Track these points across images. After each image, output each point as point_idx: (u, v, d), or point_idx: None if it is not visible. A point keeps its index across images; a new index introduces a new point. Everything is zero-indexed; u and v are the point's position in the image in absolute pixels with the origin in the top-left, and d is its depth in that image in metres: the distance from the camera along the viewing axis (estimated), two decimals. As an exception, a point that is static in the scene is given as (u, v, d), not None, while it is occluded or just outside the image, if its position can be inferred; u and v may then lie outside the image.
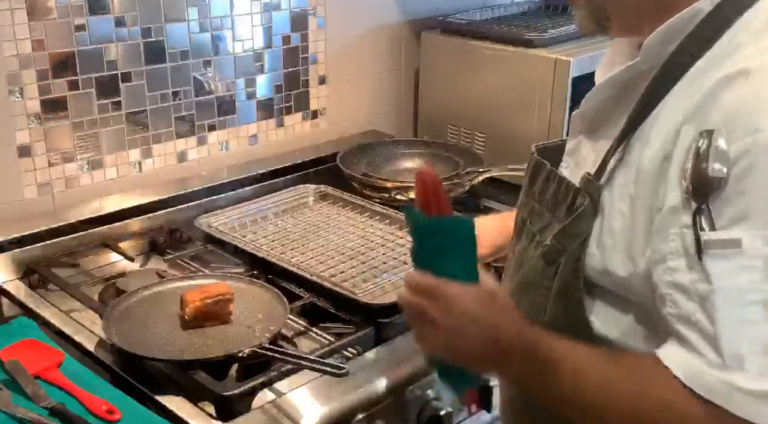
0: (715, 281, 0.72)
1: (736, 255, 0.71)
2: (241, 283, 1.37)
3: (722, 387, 0.71)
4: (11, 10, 1.45)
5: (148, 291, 1.34)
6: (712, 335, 0.72)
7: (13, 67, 1.48)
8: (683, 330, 0.75)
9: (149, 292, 1.34)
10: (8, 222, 1.51)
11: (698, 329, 0.73)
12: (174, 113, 1.74)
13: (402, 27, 2.12)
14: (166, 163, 1.76)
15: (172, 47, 1.69)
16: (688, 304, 0.74)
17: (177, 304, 1.27)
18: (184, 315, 1.23)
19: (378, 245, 1.55)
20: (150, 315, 1.28)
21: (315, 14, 1.93)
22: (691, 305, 0.74)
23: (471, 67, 1.96)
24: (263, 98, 1.89)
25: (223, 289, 1.26)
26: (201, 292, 1.24)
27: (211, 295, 1.24)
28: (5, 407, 1.07)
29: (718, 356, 0.72)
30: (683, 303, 0.75)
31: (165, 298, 1.33)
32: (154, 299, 1.33)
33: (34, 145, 1.55)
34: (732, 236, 0.71)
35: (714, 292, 0.72)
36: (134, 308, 1.30)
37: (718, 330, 0.71)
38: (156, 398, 1.13)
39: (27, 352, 1.19)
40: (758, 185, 0.70)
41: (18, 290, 1.42)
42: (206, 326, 1.24)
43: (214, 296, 1.24)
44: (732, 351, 0.71)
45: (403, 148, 1.96)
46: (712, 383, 0.72)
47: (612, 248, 0.84)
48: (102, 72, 1.60)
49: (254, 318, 1.26)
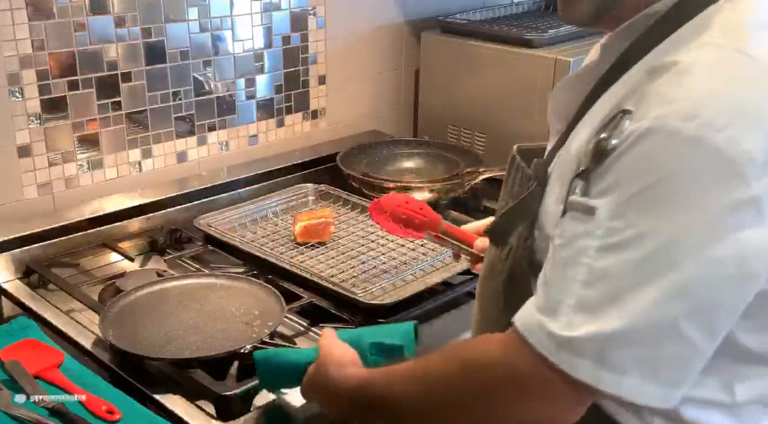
0: (563, 239, 0.76)
1: (587, 221, 0.74)
2: (236, 282, 1.37)
3: (537, 327, 0.75)
4: (11, 10, 1.45)
5: (145, 291, 1.34)
6: (545, 282, 0.77)
7: (13, 67, 1.48)
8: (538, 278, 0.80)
9: (146, 291, 1.34)
10: (8, 222, 1.51)
11: (542, 275, 0.79)
12: (174, 113, 1.74)
13: (402, 27, 2.12)
14: (166, 163, 1.76)
15: (172, 47, 1.69)
16: (545, 256, 0.80)
17: (175, 302, 1.29)
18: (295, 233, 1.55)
19: (378, 245, 1.55)
20: (147, 314, 1.28)
21: (315, 14, 1.93)
22: (547, 257, 0.80)
23: (471, 67, 1.96)
24: (263, 98, 1.89)
25: (326, 213, 1.61)
26: (309, 214, 1.59)
27: (317, 217, 1.57)
28: (5, 407, 1.07)
29: (543, 301, 0.76)
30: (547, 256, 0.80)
31: (162, 297, 1.33)
32: (151, 298, 1.33)
33: (34, 145, 1.55)
34: (590, 203, 0.74)
35: (558, 247, 0.77)
36: (131, 307, 1.30)
37: (550, 279, 0.77)
38: (156, 398, 1.13)
39: (27, 352, 1.19)
40: (627, 164, 0.72)
41: (18, 290, 1.42)
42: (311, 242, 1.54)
43: (319, 217, 1.56)
44: (553, 298, 0.75)
45: (403, 148, 1.96)
46: (532, 322, 0.76)
47: (545, 229, 0.86)
48: (102, 72, 1.60)
49: (251, 315, 1.27)
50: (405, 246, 1.53)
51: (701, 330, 0.71)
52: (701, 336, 0.71)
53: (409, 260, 1.49)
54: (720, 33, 0.75)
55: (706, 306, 0.71)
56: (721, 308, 0.72)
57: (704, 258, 0.69)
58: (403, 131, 2.21)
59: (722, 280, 0.70)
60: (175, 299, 1.32)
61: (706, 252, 0.69)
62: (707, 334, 0.72)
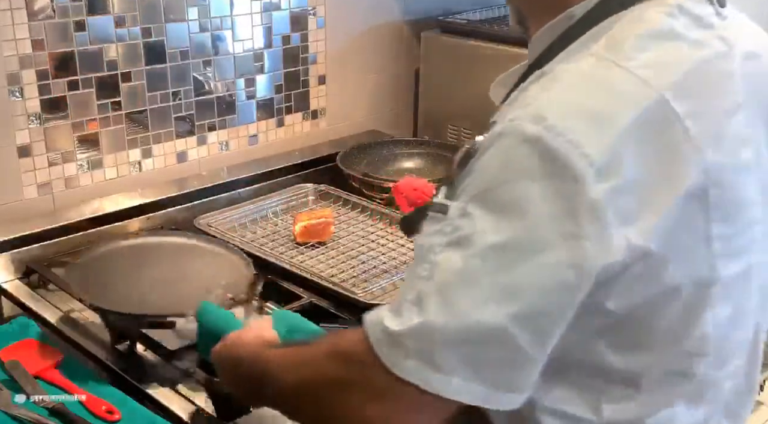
0: (420, 238, 0.76)
1: (440, 219, 0.73)
2: (218, 248, 1.40)
3: (377, 323, 0.73)
4: (11, 10, 1.45)
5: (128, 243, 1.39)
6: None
7: (13, 67, 1.48)
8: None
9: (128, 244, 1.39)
10: (8, 222, 1.51)
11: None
12: (174, 113, 1.74)
13: (402, 27, 2.12)
14: (166, 163, 1.76)
15: (172, 47, 1.69)
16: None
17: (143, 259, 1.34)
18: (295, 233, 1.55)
19: (378, 244, 1.55)
20: (121, 267, 1.31)
21: (315, 14, 1.93)
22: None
23: (471, 67, 1.96)
24: (263, 98, 1.89)
25: (326, 213, 1.60)
26: (309, 214, 1.60)
27: (317, 217, 1.57)
28: (5, 407, 1.07)
29: (396, 299, 0.75)
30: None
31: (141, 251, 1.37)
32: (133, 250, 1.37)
33: (34, 145, 1.55)
34: (446, 203, 0.74)
35: (415, 246, 0.77)
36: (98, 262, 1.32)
37: (405, 277, 0.78)
38: (155, 398, 1.13)
39: (27, 352, 1.19)
40: (479, 165, 0.71)
41: (18, 290, 1.42)
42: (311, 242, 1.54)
43: (319, 217, 1.57)
44: (400, 295, 0.74)
45: (403, 148, 1.96)
46: (376, 318, 0.74)
47: None
48: (102, 72, 1.60)
49: (216, 283, 1.23)
50: (405, 246, 1.53)
51: (529, 335, 0.69)
52: (529, 340, 0.69)
53: (409, 260, 1.49)
54: (605, 43, 0.74)
55: (535, 311, 0.69)
56: (550, 314, 0.70)
57: (536, 262, 0.68)
58: (403, 131, 2.21)
59: (553, 285, 0.68)
60: (154, 254, 1.34)
61: (538, 256, 0.67)
62: (536, 339, 0.70)
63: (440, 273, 0.71)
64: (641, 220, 0.68)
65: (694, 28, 0.76)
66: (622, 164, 0.67)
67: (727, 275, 0.76)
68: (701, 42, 0.76)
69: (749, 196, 0.77)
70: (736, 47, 0.79)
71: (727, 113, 0.76)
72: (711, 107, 0.74)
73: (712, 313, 0.77)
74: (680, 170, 0.70)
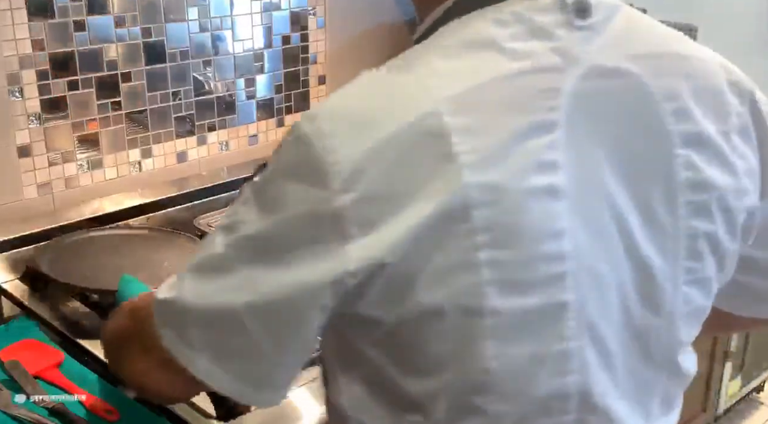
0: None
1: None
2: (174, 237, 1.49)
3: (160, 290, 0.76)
4: (11, 10, 1.45)
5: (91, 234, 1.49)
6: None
7: (13, 67, 1.48)
8: None
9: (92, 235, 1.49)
10: (8, 222, 1.51)
11: None
12: (174, 113, 1.74)
13: (402, 27, 2.12)
14: (165, 163, 1.76)
15: (172, 47, 1.69)
16: None
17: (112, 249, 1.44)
18: None
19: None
20: (89, 254, 1.41)
21: (315, 14, 1.93)
22: None
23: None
24: (263, 98, 1.89)
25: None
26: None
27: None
28: (5, 407, 1.07)
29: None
30: None
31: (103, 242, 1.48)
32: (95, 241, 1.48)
33: (33, 145, 1.55)
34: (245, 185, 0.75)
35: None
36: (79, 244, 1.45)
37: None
38: (156, 398, 1.13)
39: (27, 352, 1.19)
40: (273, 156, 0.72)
41: (18, 290, 1.42)
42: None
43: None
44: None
45: (403, 148, 1.96)
46: (164, 285, 0.76)
47: None
48: (102, 72, 1.60)
49: (161, 266, 1.35)
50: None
51: (263, 329, 0.69)
52: (263, 335, 0.70)
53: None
54: (418, 48, 0.72)
55: (270, 307, 0.68)
56: (284, 313, 0.69)
57: (280, 260, 0.67)
58: (403, 131, 2.20)
59: (290, 285, 0.67)
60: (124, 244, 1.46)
61: (283, 255, 0.67)
62: (270, 336, 0.70)
63: (203, 253, 0.72)
64: (380, 232, 0.65)
65: (522, 39, 0.70)
66: (372, 174, 0.65)
67: (510, 308, 0.68)
68: (523, 54, 0.69)
69: (549, 226, 0.68)
70: (581, 62, 0.70)
71: (521, 133, 0.67)
72: (496, 125, 0.67)
73: (494, 347, 0.69)
74: (435, 187, 0.64)
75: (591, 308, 0.71)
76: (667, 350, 0.79)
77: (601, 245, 0.71)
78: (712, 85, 0.77)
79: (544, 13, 0.71)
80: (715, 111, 0.76)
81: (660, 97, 0.73)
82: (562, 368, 0.72)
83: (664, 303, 0.76)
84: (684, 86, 0.74)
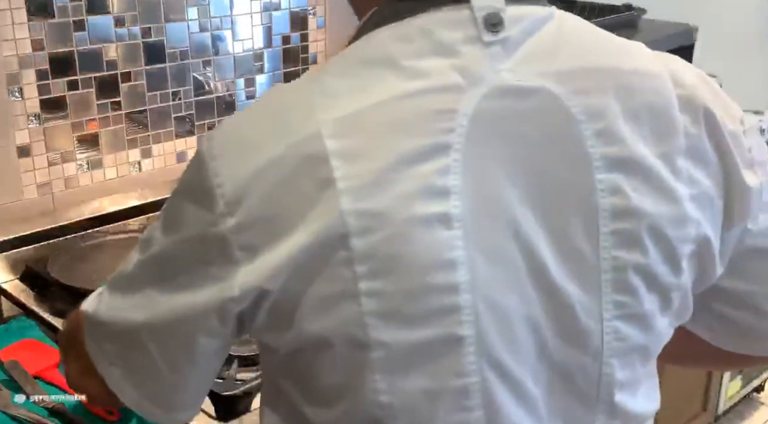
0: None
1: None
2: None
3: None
4: (10, 10, 1.45)
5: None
6: None
7: (13, 67, 1.48)
8: None
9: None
10: (8, 222, 1.51)
11: None
12: (174, 113, 1.74)
13: (402, 27, 2.12)
14: (165, 163, 1.76)
15: (171, 47, 1.69)
16: None
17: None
18: None
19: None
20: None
21: (315, 14, 1.93)
22: None
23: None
24: (263, 98, 1.89)
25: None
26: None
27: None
28: (5, 407, 1.07)
29: None
30: None
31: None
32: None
33: (33, 145, 1.55)
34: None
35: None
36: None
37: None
38: (156, 398, 1.13)
39: (27, 352, 1.19)
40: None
41: (18, 290, 1.42)
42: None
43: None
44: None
45: (403, 148, 1.96)
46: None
47: None
48: (102, 72, 1.60)
49: None
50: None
51: (159, 349, 0.70)
52: (159, 355, 0.70)
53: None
54: (323, 64, 0.69)
55: (163, 328, 0.69)
56: (175, 336, 0.69)
57: (173, 282, 0.67)
58: (403, 131, 2.20)
59: (179, 308, 0.67)
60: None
61: (176, 277, 0.67)
62: (165, 356, 0.70)
63: (121, 268, 0.73)
64: (263, 258, 0.63)
65: (425, 57, 0.64)
66: (253, 198, 0.63)
67: (397, 340, 0.63)
68: (421, 72, 0.64)
69: (438, 256, 0.62)
70: (485, 81, 0.64)
71: (409, 157, 0.62)
72: (381, 148, 0.62)
73: (383, 380, 0.65)
74: (314, 213, 0.61)
75: (493, 342, 0.65)
76: (601, 388, 0.71)
77: (504, 276, 0.65)
78: (653, 102, 0.68)
79: (453, 27, 0.65)
80: (654, 131, 0.68)
81: (582, 118, 0.66)
82: (463, 405, 0.66)
83: (589, 338, 0.69)
84: (613, 105, 0.67)
